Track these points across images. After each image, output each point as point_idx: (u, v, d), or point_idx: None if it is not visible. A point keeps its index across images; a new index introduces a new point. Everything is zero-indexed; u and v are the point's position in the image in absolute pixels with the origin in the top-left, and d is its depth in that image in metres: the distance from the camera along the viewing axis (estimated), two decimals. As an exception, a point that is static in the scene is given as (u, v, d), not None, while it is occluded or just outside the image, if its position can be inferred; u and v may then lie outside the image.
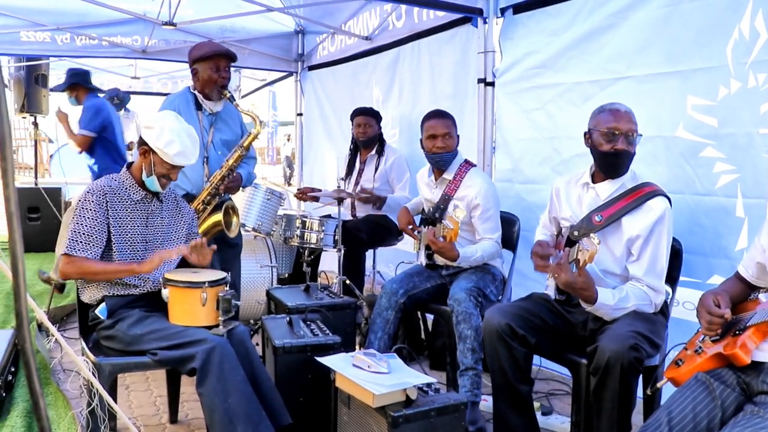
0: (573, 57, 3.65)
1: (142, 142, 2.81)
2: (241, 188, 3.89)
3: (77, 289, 2.87)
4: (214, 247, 2.94)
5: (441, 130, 3.52)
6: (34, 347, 3.73)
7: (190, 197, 3.55)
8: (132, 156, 6.28)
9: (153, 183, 2.83)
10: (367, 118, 4.87)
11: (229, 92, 3.64)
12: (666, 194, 2.69)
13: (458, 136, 3.61)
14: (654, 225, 2.61)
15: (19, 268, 0.66)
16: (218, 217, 3.45)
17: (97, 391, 2.11)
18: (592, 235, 2.48)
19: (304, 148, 7.43)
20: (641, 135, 2.72)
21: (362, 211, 4.83)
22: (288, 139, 23.11)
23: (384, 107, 5.39)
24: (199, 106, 3.66)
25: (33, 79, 7.41)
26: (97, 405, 2.39)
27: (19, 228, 0.71)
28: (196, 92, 3.66)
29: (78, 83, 5.75)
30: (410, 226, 3.76)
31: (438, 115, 3.61)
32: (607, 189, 2.77)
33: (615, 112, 2.70)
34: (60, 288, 5.14)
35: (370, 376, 2.33)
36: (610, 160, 2.72)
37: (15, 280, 0.65)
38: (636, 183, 2.74)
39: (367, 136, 4.86)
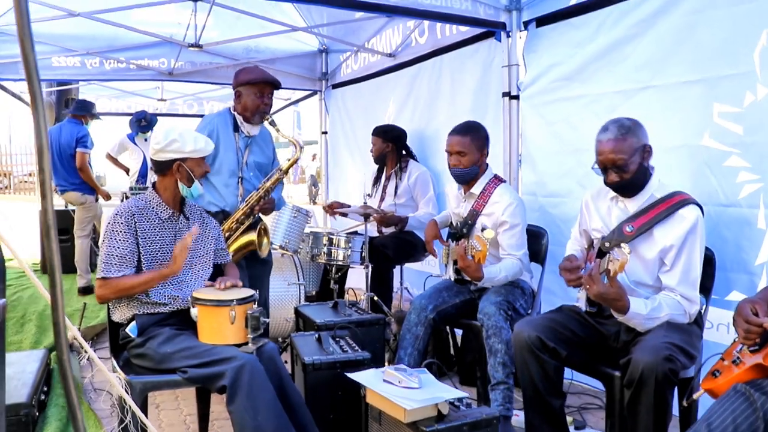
0: (598, 68, 3.62)
1: (167, 165, 2.84)
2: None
3: (108, 308, 2.90)
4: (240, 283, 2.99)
5: (455, 147, 3.50)
6: (67, 340, 3.76)
7: (224, 215, 3.61)
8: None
9: (197, 188, 2.89)
10: (373, 137, 4.99)
11: (271, 117, 3.72)
12: (697, 202, 2.65)
13: (484, 151, 3.55)
14: (687, 234, 2.57)
15: (56, 278, 0.66)
16: (252, 236, 3.50)
17: (130, 407, 2.12)
18: (622, 245, 2.44)
19: (329, 166, 7.47)
20: (649, 146, 2.67)
21: (389, 227, 4.83)
22: (313, 159, 23.24)
23: (396, 123, 5.37)
24: (236, 128, 3.71)
25: (63, 103, 7.59)
26: (129, 422, 2.40)
27: (56, 237, 0.71)
28: (236, 114, 3.72)
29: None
30: (436, 240, 3.73)
31: (456, 130, 3.56)
32: (636, 202, 2.73)
33: (601, 143, 2.70)
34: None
35: (401, 391, 2.31)
36: (614, 188, 2.75)
37: (52, 290, 0.66)
38: (665, 192, 2.70)
39: (375, 154, 5.00)
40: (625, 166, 2.64)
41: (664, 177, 2.83)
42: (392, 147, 4.91)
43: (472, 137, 3.51)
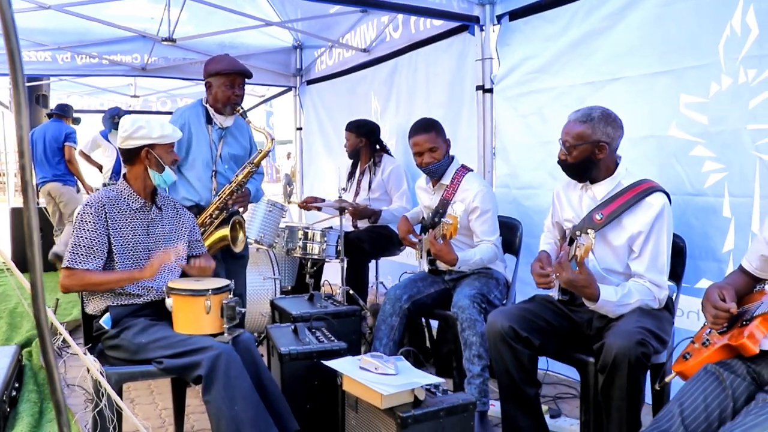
0: (568, 61, 3.67)
1: (135, 152, 2.82)
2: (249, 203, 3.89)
3: (81, 301, 2.87)
4: (213, 264, 2.97)
5: (425, 145, 3.51)
6: (48, 321, 3.78)
7: (198, 209, 3.57)
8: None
9: (170, 174, 2.88)
10: (347, 132, 4.99)
11: (242, 108, 3.65)
12: (664, 190, 2.69)
13: (448, 141, 3.60)
14: (654, 221, 2.61)
15: (34, 241, 0.66)
16: (225, 231, 3.46)
17: (105, 390, 2.10)
18: (588, 230, 2.48)
19: (304, 162, 7.46)
20: (604, 143, 2.69)
21: (363, 222, 4.84)
22: (288, 157, 23.15)
23: (382, 118, 5.42)
24: (209, 120, 3.65)
25: (34, 100, 7.48)
26: (105, 405, 2.38)
27: (35, 215, 0.71)
28: (207, 106, 3.66)
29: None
30: (410, 235, 3.75)
31: (419, 129, 3.56)
32: (603, 189, 2.77)
33: (567, 121, 2.78)
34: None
35: (378, 377, 2.32)
36: (560, 166, 2.85)
37: (30, 249, 0.66)
38: (632, 180, 2.74)
39: (349, 149, 4.99)
40: (569, 148, 2.72)
41: (632, 167, 2.87)
42: (365, 142, 4.91)
43: (436, 131, 3.56)
